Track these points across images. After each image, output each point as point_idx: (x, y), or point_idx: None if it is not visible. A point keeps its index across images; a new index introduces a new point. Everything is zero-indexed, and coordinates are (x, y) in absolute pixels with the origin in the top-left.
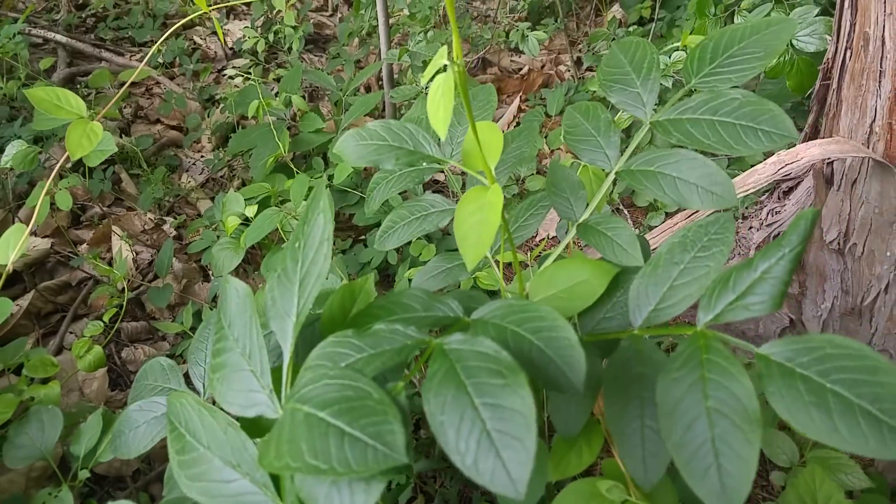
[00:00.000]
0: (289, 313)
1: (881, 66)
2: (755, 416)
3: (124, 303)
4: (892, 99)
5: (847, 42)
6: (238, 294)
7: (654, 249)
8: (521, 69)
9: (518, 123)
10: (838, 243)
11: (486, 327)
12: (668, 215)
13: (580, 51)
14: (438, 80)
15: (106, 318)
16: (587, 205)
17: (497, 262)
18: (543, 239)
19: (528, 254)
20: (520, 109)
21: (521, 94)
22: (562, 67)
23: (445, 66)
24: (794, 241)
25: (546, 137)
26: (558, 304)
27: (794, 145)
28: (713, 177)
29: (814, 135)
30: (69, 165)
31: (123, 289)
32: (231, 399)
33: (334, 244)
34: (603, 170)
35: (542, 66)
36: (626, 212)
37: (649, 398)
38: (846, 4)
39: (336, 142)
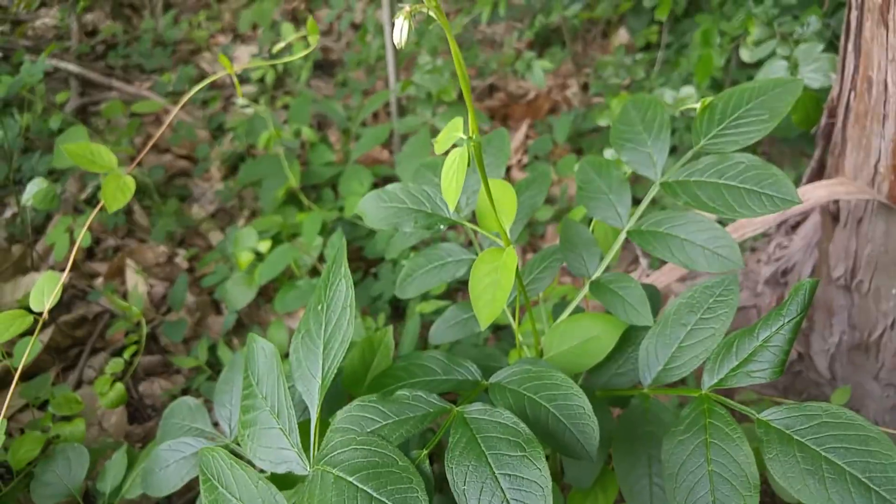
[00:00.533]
0: (314, 375)
1: (884, 110)
2: (754, 481)
3: (143, 340)
4: (895, 141)
5: (851, 84)
6: (265, 354)
7: (666, 286)
8: (528, 94)
9: (526, 151)
10: (845, 279)
11: (504, 393)
12: None
13: (587, 75)
14: (454, 154)
15: (126, 356)
16: (600, 261)
17: (513, 309)
18: None
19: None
20: (527, 136)
21: (528, 120)
22: (569, 92)
23: (462, 139)
24: (794, 312)
25: (555, 165)
26: (571, 360)
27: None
28: (719, 239)
29: (820, 169)
30: (83, 197)
31: (140, 323)
32: (262, 456)
33: None
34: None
35: (550, 91)
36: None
37: (657, 456)
38: (849, 48)
39: (346, 175)
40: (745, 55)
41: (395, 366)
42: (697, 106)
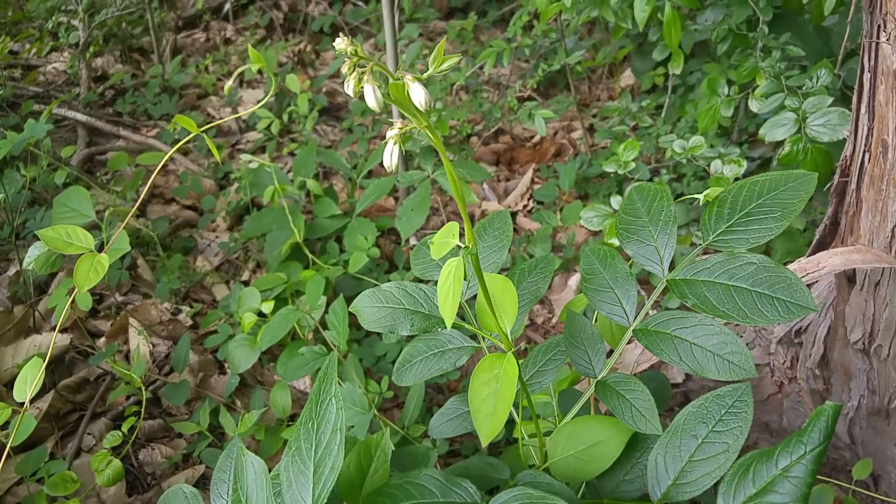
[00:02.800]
0: (305, 499)
1: None
2: None
3: (142, 409)
4: None
5: (865, 145)
6: (255, 471)
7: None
8: (533, 137)
9: (531, 196)
10: (863, 343)
11: None
12: None
13: (593, 116)
14: (449, 265)
15: (125, 428)
16: (606, 359)
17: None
18: (560, 321)
19: (545, 336)
20: (532, 181)
21: (533, 164)
22: (574, 135)
23: (458, 248)
24: (816, 440)
25: (561, 210)
26: (577, 466)
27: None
28: (729, 345)
29: (833, 226)
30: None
31: (141, 389)
32: None
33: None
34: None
35: (555, 134)
36: (641, 290)
37: None
38: (863, 109)
39: (350, 229)
40: (754, 106)
41: (391, 483)
42: (702, 197)
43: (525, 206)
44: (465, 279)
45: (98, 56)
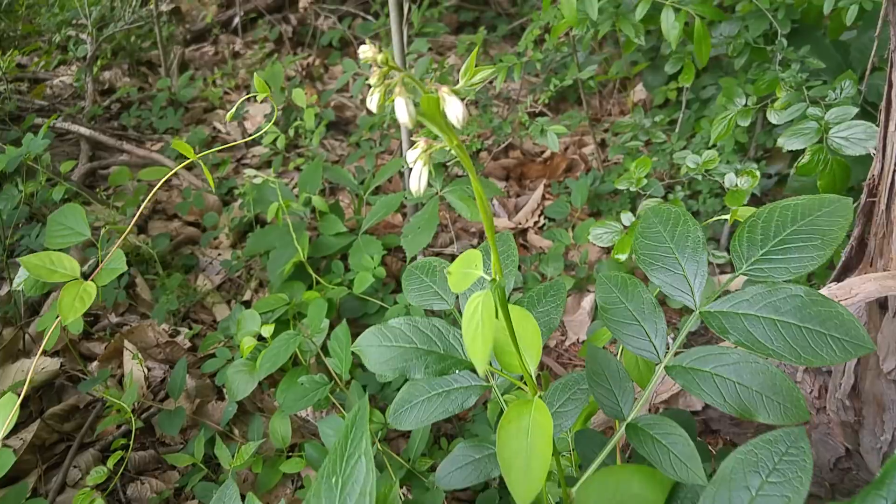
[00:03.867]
0: None
1: None
2: None
3: (131, 441)
4: None
5: (894, 164)
6: None
7: None
8: (543, 152)
9: (542, 212)
10: None
11: None
12: None
13: (605, 130)
14: (475, 301)
15: (110, 465)
16: (635, 398)
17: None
18: (574, 343)
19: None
20: (544, 197)
21: (544, 179)
22: (586, 150)
23: (484, 279)
24: None
25: (573, 228)
26: None
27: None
28: (778, 385)
29: (860, 248)
30: (84, 270)
31: (131, 419)
32: None
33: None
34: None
35: (566, 149)
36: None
37: None
38: (891, 127)
39: (356, 248)
40: (773, 118)
41: None
42: (729, 217)
43: (536, 223)
44: (496, 317)
45: (106, 69)
